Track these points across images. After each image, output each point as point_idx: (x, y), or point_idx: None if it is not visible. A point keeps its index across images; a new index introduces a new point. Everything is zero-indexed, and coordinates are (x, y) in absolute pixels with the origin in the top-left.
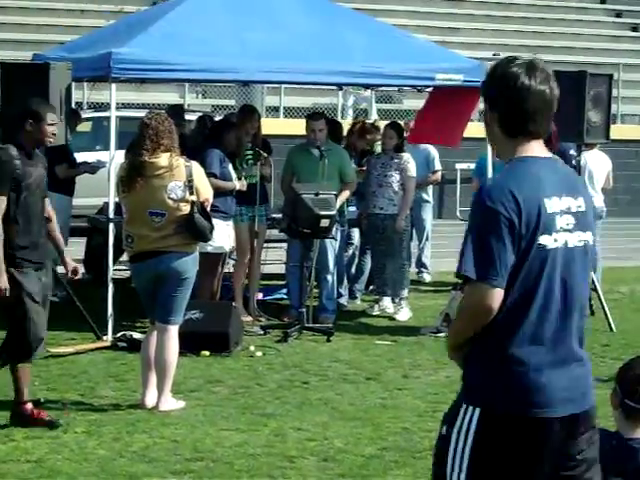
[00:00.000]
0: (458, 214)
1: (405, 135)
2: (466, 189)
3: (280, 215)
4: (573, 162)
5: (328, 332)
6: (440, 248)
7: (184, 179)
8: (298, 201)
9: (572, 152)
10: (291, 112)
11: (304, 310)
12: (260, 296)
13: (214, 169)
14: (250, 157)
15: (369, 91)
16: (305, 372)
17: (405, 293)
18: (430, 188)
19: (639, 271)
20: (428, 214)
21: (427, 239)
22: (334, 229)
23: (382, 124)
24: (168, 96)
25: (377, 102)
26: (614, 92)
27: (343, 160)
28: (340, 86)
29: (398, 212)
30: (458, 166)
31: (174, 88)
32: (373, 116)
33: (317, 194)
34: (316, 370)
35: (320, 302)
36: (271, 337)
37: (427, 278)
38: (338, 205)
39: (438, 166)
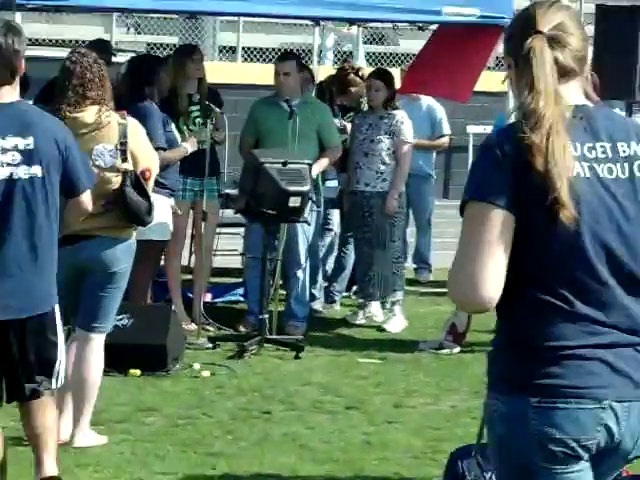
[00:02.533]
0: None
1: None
2: None
3: (236, 191)
4: None
5: (297, 346)
6: (445, 237)
7: (116, 141)
8: (260, 172)
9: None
10: (252, 54)
11: (266, 317)
12: (209, 298)
13: (159, 140)
14: (198, 115)
15: (355, 28)
16: (266, 399)
17: (398, 296)
18: (433, 157)
19: None
20: (430, 193)
21: (429, 225)
22: (307, 210)
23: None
24: (90, 30)
25: (365, 43)
26: None
27: (323, 118)
28: (317, 21)
29: (389, 189)
30: (470, 129)
31: (98, 20)
32: (360, 61)
33: (285, 163)
34: (281, 396)
35: (287, 307)
36: (222, 352)
37: (428, 277)
38: (314, 177)
39: (446, 129)
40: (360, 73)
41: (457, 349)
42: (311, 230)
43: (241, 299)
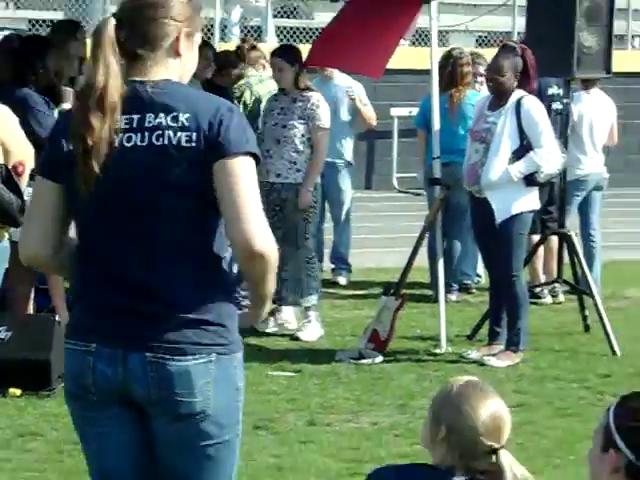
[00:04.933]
0: (395, 183)
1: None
2: (406, 146)
3: None
4: (557, 105)
5: None
6: (367, 233)
7: None
8: None
9: (553, 90)
10: None
11: None
12: None
13: (43, 126)
14: None
15: (263, 0)
16: None
17: (313, 300)
18: (350, 143)
19: None
20: (348, 183)
21: (347, 221)
22: None
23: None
24: None
25: (275, 17)
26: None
27: None
28: None
29: (303, 180)
30: (394, 112)
31: None
32: (269, 37)
33: None
34: None
35: None
36: None
37: (344, 280)
38: None
39: (369, 107)
40: (250, 43)
41: (379, 358)
42: None
43: None
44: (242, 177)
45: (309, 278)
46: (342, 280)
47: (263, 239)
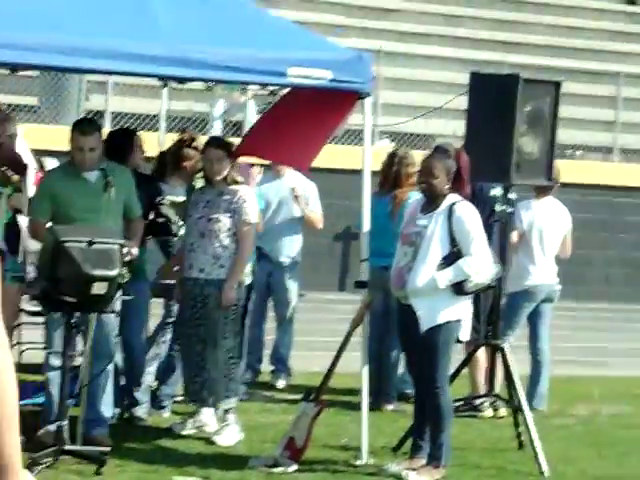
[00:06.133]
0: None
1: None
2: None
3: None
4: (499, 207)
5: (99, 459)
6: (309, 335)
7: None
8: (59, 253)
9: (496, 192)
10: (122, 120)
11: (64, 424)
12: None
13: None
14: None
15: (248, 94)
16: None
17: (232, 403)
18: (299, 241)
19: (611, 383)
20: (294, 283)
21: (290, 322)
22: (116, 299)
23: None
24: None
25: (259, 112)
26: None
27: (129, 186)
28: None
29: (226, 277)
30: None
31: None
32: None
33: (91, 243)
34: None
35: (91, 407)
36: None
37: (282, 383)
38: (136, 253)
39: (317, 209)
40: (194, 144)
41: (293, 467)
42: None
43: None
44: None
45: (228, 380)
46: (280, 384)
47: None
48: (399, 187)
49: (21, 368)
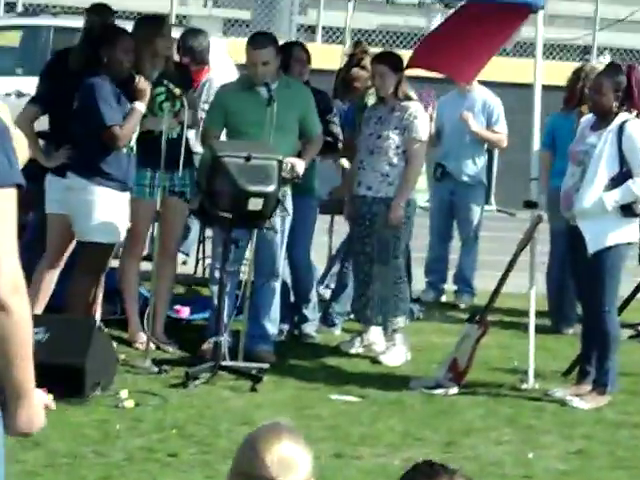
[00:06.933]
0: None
1: None
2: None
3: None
4: None
5: (255, 376)
6: (487, 254)
7: None
8: (217, 168)
9: None
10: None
11: (222, 339)
12: (185, 313)
13: (110, 118)
14: (164, 99)
15: None
16: (184, 438)
17: (399, 323)
18: (482, 160)
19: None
20: (479, 202)
21: (475, 240)
22: (277, 215)
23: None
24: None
25: None
26: None
27: (306, 103)
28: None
29: (395, 195)
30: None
31: None
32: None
33: (249, 158)
34: (202, 436)
35: (255, 323)
36: (167, 379)
37: (470, 301)
38: (301, 172)
39: (502, 127)
40: (363, 62)
41: (454, 390)
42: (280, 238)
43: None
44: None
45: (397, 299)
46: (463, 304)
47: (7, 285)
48: (585, 104)
49: (205, 282)
